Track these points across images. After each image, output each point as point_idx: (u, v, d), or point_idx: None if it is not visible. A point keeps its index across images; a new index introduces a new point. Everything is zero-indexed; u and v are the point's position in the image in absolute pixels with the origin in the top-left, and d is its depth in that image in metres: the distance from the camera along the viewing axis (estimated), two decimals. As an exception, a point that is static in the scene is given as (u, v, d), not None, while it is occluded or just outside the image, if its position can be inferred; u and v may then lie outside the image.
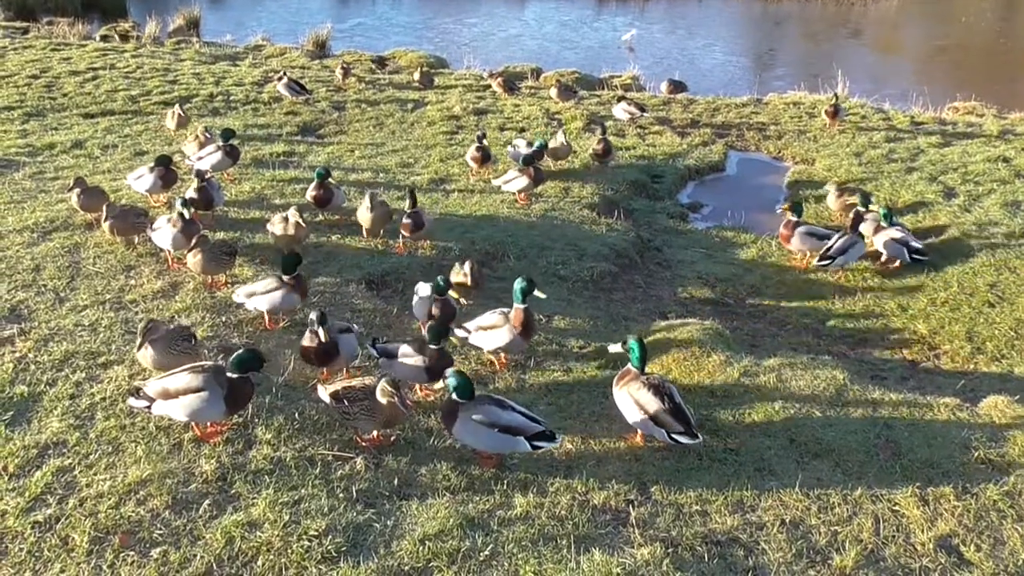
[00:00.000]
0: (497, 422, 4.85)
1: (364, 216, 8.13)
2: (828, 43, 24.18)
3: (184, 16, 22.66)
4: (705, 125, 13.50)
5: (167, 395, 4.83)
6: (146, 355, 5.37)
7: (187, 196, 8.34)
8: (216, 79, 14.94)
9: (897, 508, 4.86)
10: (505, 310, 6.12)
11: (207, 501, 4.44)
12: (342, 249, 8.07)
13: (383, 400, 4.91)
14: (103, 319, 6.32)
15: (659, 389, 5.24)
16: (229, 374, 4.87)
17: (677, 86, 15.87)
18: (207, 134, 10.22)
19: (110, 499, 4.41)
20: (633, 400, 5.24)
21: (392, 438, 5.20)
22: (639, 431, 5.37)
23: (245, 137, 11.42)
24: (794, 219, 8.85)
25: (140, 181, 8.69)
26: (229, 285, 7.07)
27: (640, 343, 5.39)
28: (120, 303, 6.60)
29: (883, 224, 8.91)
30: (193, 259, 6.86)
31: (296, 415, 5.27)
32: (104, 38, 19.83)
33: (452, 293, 6.36)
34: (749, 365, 6.26)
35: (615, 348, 5.56)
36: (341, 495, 4.60)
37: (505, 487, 4.82)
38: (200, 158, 9.45)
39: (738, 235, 9.73)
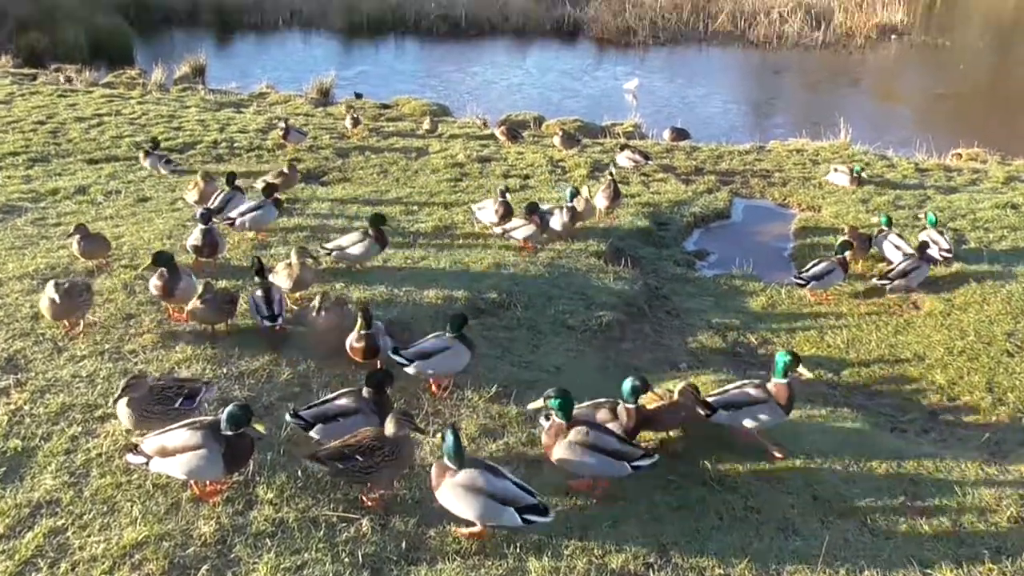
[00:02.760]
0: (485, 488, 4.54)
1: (282, 278, 7.36)
2: (828, 91, 24.36)
3: (190, 64, 22.87)
4: (709, 172, 13.47)
5: (164, 452, 4.64)
6: (123, 411, 5.17)
7: (191, 243, 8.24)
8: (221, 126, 14.96)
9: (930, 572, 4.65)
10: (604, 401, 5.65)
11: (205, 566, 4.23)
12: (345, 294, 7.90)
13: (396, 431, 4.73)
14: (101, 370, 6.14)
15: (595, 426, 5.16)
16: (224, 432, 4.68)
17: (680, 134, 15.89)
18: (208, 178, 10.13)
19: (104, 563, 4.20)
20: (588, 450, 5.02)
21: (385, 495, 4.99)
22: (588, 479, 5.21)
23: (249, 184, 11.34)
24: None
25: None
26: (229, 334, 6.91)
27: (564, 397, 5.09)
28: (119, 353, 6.43)
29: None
30: (194, 308, 6.71)
31: (299, 472, 5.07)
32: (110, 85, 19.94)
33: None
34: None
35: (535, 404, 5.22)
36: (347, 560, 4.39)
37: (518, 550, 4.61)
38: (243, 213, 9.18)
39: (746, 283, 9.59)
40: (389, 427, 4.81)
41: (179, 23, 30.56)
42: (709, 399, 5.77)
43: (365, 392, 5.39)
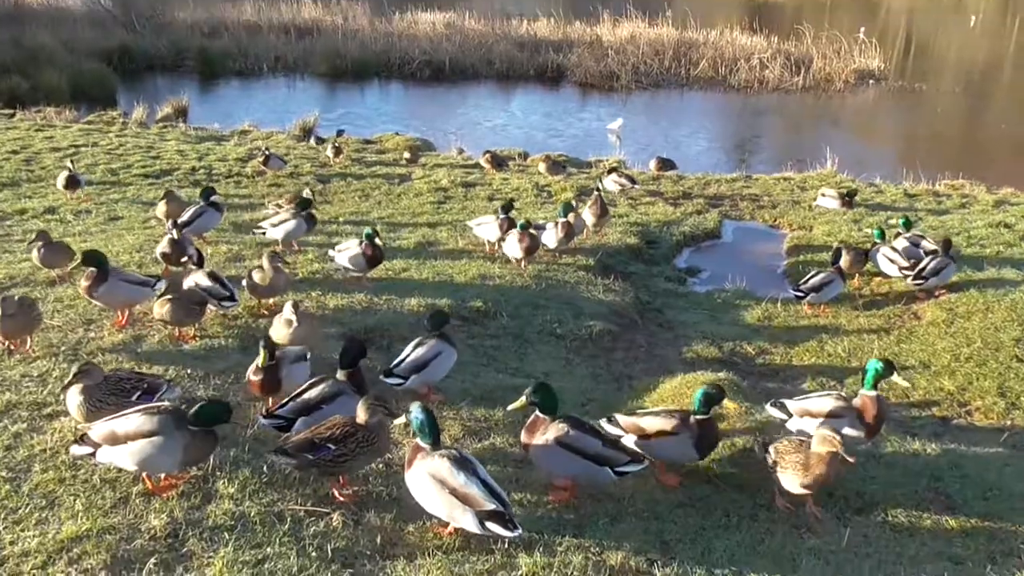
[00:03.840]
0: (447, 481, 4.03)
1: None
2: (810, 131, 24.47)
3: (172, 105, 22.67)
4: (697, 196, 13.24)
5: (115, 440, 4.17)
6: (73, 400, 4.70)
7: (160, 251, 7.85)
8: (199, 155, 14.65)
9: (963, 567, 4.22)
10: (674, 410, 5.09)
11: (152, 560, 3.74)
12: (322, 302, 7.49)
13: (369, 417, 4.31)
14: (55, 370, 5.68)
15: (581, 425, 4.64)
16: (191, 427, 4.23)
17: (666, 164, 15.71)
18: (172, 196, 9.77)
19: (36, 558, 3.71)
20: (564, 450, 4.54)
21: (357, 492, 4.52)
22: (568, 480, 4.72)
23: (226, 205, 10.98)
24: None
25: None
26: (198, 338, 6.47)
27: (545, 390, 4.64)
28: (76, 355, 5.96)
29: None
30: (161, 308, 6.28)
31: (264, 468, 4.60)
32: (89, 123, 19.65)
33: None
34: (771, 417, 5.65)
35: (515, 404, 4.70)
36: (314, 554, 3.91)
37: (507, 545, 4.13)
38: (274, 225, 8.99)
39: (740, 297, 9.27)
40: (361, 413, 4.39)
41: (163, 69, 30.50)
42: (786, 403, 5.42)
43: (340, 375, 4.97)
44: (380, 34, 33.57)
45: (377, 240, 7.94)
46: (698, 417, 4.79)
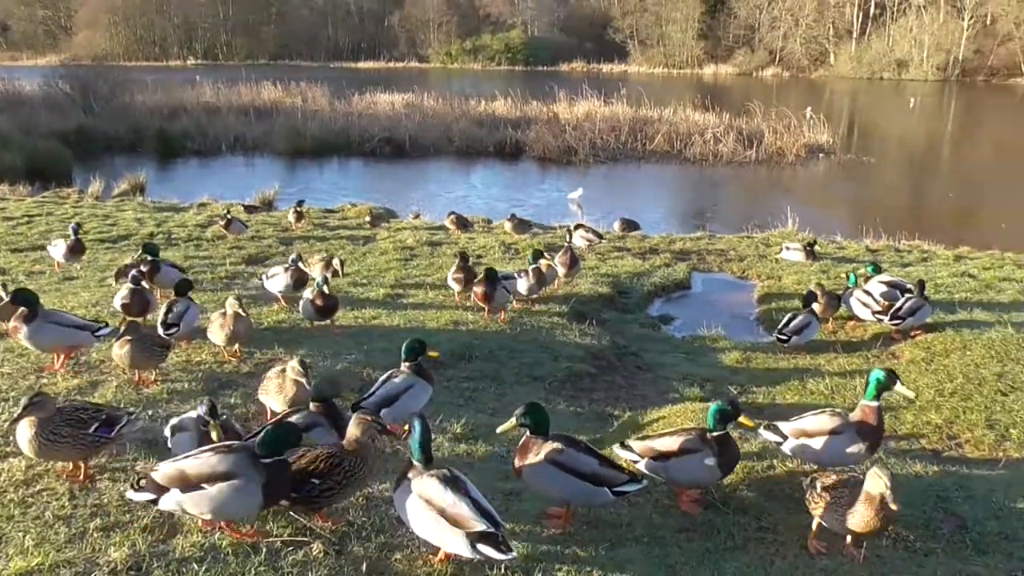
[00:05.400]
0: (435, 501, 3.75)
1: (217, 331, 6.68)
2: (767, 198, 24.94)
3: (129, 181, 22.43)
4: (664, 251, 13.25)
5: (185, 482, 3.76)
6: (23, 435, 4.29)
7: (119, 302, 7.50)
8: (158, 223, 14.35)
9: (983, 586, 3.99)
10: (690, 428, 4.83)
11: (112, 592, 3.35)
12: (290, 350, 7.16)
13: (362, 434, 4.04)
14: (3, 414, 5.26)
15: (575, 444, 4.41)
16: (263, 459, 3.85)
17: (629, 224, 15.75)
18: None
19: (-22, 593, 3.29)
20: (559, 470, 4.28)
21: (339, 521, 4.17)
22: (563, 504, 4.46)
23: (187, 268, 10.65)
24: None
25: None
26: (159, 383, 6.09)
27: (536, 410, 4.42)
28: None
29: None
30: (120, 351, 5.92)
31: (235, 501, 4.22)
32: (44, 198, 19.24)
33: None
34: (767, 444, 5.44)
35: (505, 426, 4.49)
36: (293, 584, 3.54)
37: (503, 572, 3.81)
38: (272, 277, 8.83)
39: (717, 341, 9.14)
40: (354, 431, 4.09)
41: (121, 149, 30.31)
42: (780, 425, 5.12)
43: (313, 407, 4.66)
44: (340, 114, 33.96)
45: (326, 288, 7.64)
46: (715, 434, 4.56)
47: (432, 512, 3.73)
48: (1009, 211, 22.04)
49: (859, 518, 4.02)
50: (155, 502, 3.78)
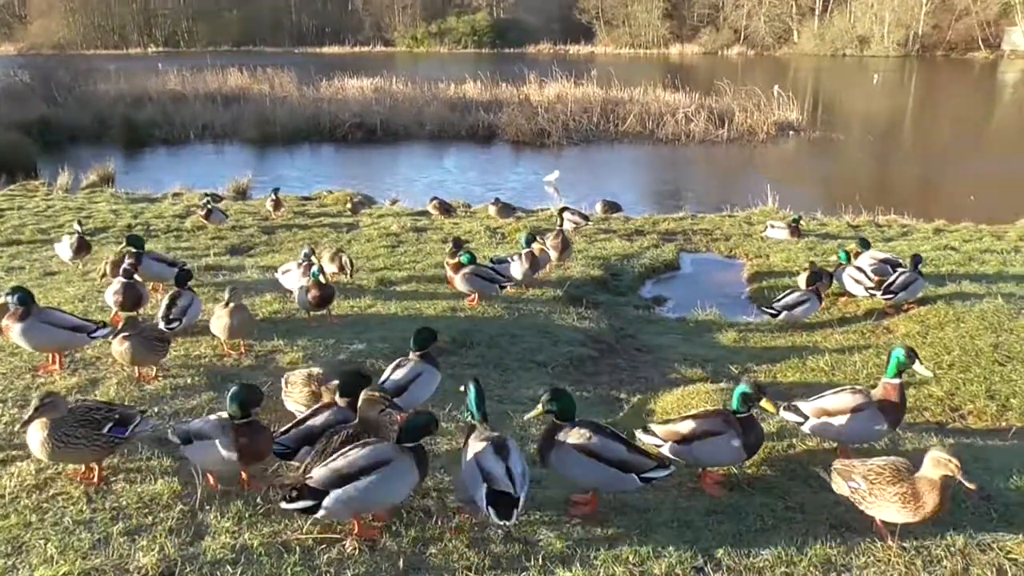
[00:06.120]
0: (481, 460, 3.96)
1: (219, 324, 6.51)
2: (741, 177, 25.09)
3: (98, 172, 21.82)
4: (650, 232, 13.26)
5: (342, 478, 3.77)
6: (35, 438, 4.16)
7: (111, 296, 7.29)
8: (134, 214, 14.04)
9: (1013, 557, 4.01)
10: (713, 411, 4.80)
11: (148, 598, 3.24)
12: (289, 341, 7.03)
13: (368, 410, 4.18)
14: (3, 416, 5.10)
15: (602, 430, 4.34)
16: (406, 444, 3.91)
17: (611, 206, 15.75)
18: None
19: (9, 606, 3.17)
20: (588, 457, 4.23)
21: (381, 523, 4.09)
22: (590, 491, 4.43)
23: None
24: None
25: None
26: (160, 379, 5.94)
27: (562, 396, 4.36)
28: (26, 400, 5.37)
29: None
30: (120, 347, 5.75)
31: (258, 499, 4.13)
32: (10, 192, 18.74)
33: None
34: (785, 422, 5.44)
35: (533, 413, 4.43)
36: (332, 582, 3.46)
37: (542, 561, 3.76)
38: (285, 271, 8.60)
39: (712, 322, 9.15)
40: (364, 408, 4.12)
41: (86, 140, 29.61)
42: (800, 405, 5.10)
43: (341, 401, 4.57)
44: (308, 99, 33.48)
45: (322, 278, 7.52)
46: (739, 416, 4.55)
47: (474, 465, 3.94)
48: (977, 183, 22.32)
49: (930, 507, 3.95)
50: (315, 508, 3.71)
